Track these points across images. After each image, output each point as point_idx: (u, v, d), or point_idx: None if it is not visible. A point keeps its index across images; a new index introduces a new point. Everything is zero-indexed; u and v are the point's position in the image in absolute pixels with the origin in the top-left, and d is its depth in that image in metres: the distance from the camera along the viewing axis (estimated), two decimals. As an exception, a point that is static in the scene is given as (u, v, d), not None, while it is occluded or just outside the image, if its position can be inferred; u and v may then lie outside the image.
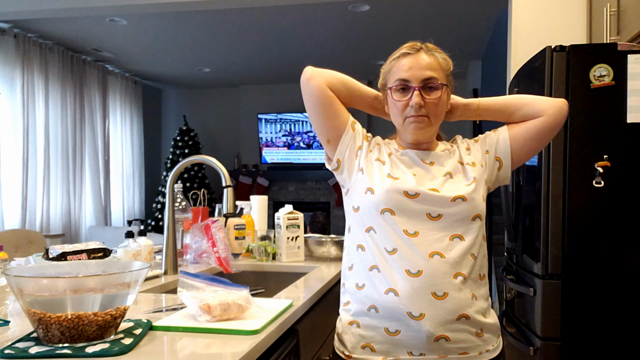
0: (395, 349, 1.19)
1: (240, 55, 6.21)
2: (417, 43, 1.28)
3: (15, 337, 1.02)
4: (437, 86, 1.24)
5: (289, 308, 1.28)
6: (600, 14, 2.60)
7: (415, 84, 1.23)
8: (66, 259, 1.54)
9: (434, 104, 1.24)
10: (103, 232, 5.78)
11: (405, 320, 1.16)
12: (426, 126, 1.25)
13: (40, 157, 5.43)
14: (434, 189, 1.23)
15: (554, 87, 2.09)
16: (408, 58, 1.25)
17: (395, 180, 1.23)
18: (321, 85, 1.29)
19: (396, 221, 1.20)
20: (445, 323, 1.16)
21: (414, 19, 4.86)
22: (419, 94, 1.23)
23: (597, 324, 2.05)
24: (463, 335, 1.19)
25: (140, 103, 7.49)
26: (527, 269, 2.27)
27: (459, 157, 1.31)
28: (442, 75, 1.26)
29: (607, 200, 2.03)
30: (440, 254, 1.18)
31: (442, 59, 1.28)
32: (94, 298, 0.94)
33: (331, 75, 1.32)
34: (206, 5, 4.05)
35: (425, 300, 1.16)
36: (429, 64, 1.24)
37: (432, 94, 1.24)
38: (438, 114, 1.26)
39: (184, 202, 2.12)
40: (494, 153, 1.32)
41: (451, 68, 1.30)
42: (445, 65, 1.27)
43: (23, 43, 5.23)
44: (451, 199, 1.21)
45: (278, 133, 7.65)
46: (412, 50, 1.26)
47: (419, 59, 1.25)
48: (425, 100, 1.23)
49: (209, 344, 1.00)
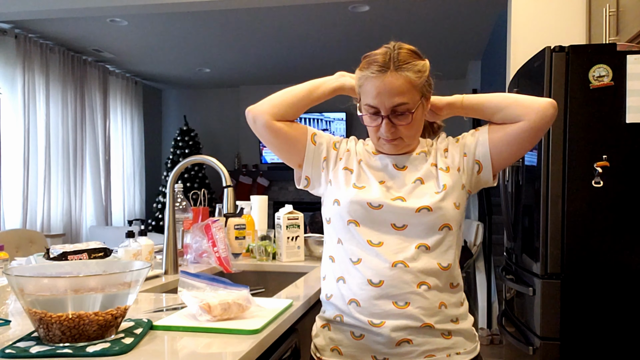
0: (361, 353, 1.20)
1: (240, 55, 6.21)
2: (386, 56, 1.18)
3: (16, 336, 1.02)
4: (407, 111, 1.17)
5: (289, 308, 1.28)
6: (599, 14, 2.60)
7: (384, 113, 1.17)
8: (67, 258, 1.55)
9: (405, 127, 1.19)
10: (104, 232, 5.79)
11: (367, 327, 1.18)
12: (402, 146, 1.23)
13: (41, 157, 5.43)
14: (400, 197, 1.20)
15: (553, 88, 2.09)
16: (376, 81, 1.16)
17: (359, 191, 1.22)
18: (267, 123, 1.26)
19: (360, 232, 1.20)
20: (406, 329, 1.17)
21: (414, 19, 4.86)
22: (389, 122, 1.18)
23: (596, 324, 2.05)
24: (427, 339, 1.18)
25: (140, 103, 7.50)
26: (527, 269, 2.28)
27: (434, 160, 1.26)
28: (414, 94, 1.17)
29: (606, 200, 2.04)
30: (404, 263, 1.17)
31: (413, 74, 1.17)
32: (95, 298, 0.94)
33: (273, 104, 1.28)
34: (206, 5, 4.05)
35: (386, 310, 1.17)
36: (397, 89, 1.15)
37: (403, 119, 1.18)
38: (413, 133, 1.22)
39: (184, 202, 2.12)
40: (473, 156, 1.26)
41: (426, 73, 1.21)
42: (417, 79, 1.17)
43: (24, 43, 5.24)
44: (416, 209, 1.18)
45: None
46: (380, 70, 1.16)
47: (386, 83, 1.15)
48: (396, 126, 1.19)
49: (209, 344, 1.01)
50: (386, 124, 1.18)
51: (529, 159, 2.29)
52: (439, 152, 1.28)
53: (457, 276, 1.23)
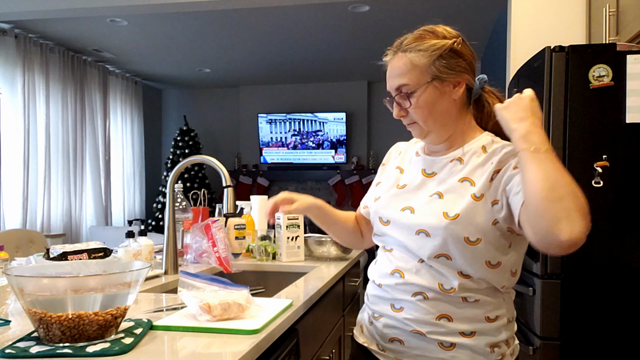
0: (371, 338, 1.29)
1: (240, 55, 6.21)
2: (396, 41, 1.18)
3: (16, 336, 1.02)
4: (410, 92, 1.15)
5: (289, 308, 1.28)
6: (599, 14, 2.60)
7: (393, 95, 1.18)
8: (67, 258, 1.55)
9: (415, 110, 1.16)
10: (104, 232, 5.78)
11: (372, 319, 1.27)
12: (421, 132, 1.20)
13: (41, 157, 5.43)
14: (410, 208, 1.19)
15: (553, 88, 2.09)
16: (387, 66, 1.20)
17: (376, 203, 1.29)
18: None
19: (376, 239, 1.32)
20: (397, 328, 1.20)
21: (414, 19, 4.85)
22: (397, 105, 1.18)
23: (596, 324, 2.05)
24: (419, 344, 1.18)
25: (140, 103, 7.49)
26: (527, 269, 2.28)
27: (470, 174, 1.15)
28: (417, 74, 1.14)
29: (606, 200, 2.04)
30: (401, 273, 1.19)
31: (416, 53, 1.14)
32: (95, 298, 0.94)
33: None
34: (206, 5, 4.05)
35: (383, 309, 1.23)
36: (398, 70, 1.16)
37: (407, 101, 1.16)
38: (427, 117, 1.16)
39: (184, 202, 2.12)
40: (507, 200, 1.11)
41: (437, 52, 1.13)
42: (421, 60, 1.14)
43: (24, 43, 5.24)
44: (415, 230, 1.16)
45: (278, 133, 7.65)
46: (387, 55, 1.20)
47: (391, 66, 1.18)
48: (406, 110, 1.18)
49: (209, 344, 1.01)
50: (395, 107, 1.19)
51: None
52: (487, 168, 1.13)
53: (476, 290, 1.14)
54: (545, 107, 2.11)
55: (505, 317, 1.19)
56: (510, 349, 1.21)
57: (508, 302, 1.22)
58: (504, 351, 1.19)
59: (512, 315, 1.23)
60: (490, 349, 1.17)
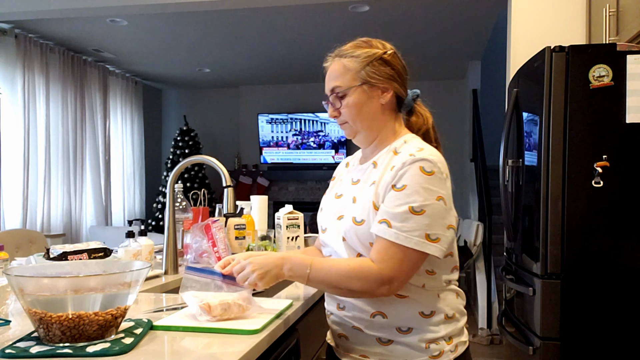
0: (330, 335, 1.36)
1: (240, 55, 6.21)
2: (336, 49, 1.29)
3: (16, 336, 1.02)
4: (342, 93, 1.24)
5: (289, 308, 1.29)
6: (599, 14, 2.60)
7: (328, 97, 1.28)
8: (67, 258, 1.55)
9: (346, 110, 1.25)
10: (104, 232, 5.78)
11: (327, 318, 1.35)
12: (351, 131, 1.29)
13: (41, 157, 5.43)
14: (340, 216, 1.27)
15: (553, 88, 2.09)
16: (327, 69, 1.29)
17: (318, 215, 1.38)
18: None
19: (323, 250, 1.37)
20: (341, 325, 1.27)
21: (414, 19, 4.86)
22: (331, 105, 1.28)
23: (596, 324, 2.05)
24: (361, 339, 1.24)
25: (140, 103, 7.49)
26: (527, 269, 2.28)
27: (376, 178, 1.22)
28: (349, 78, 1.24)
29: (606, 200, 2.04)
30: None
31: (349, 59, 1.24)
32: (95, 298, 0.94)
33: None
34: (206, 5, 4.05)
35: (332, 307, 1.30)
36: (333, 73, 1.26)
37: (340, 101, 1.26)
38: (355, 117, 1.25)
39: (184, 202, 2.12)
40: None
41: (368, 60, 1.23)
42: (353, 65, 1.23)
43: (24, 43, 5.24)
44: (341, 237, 1.24)
45: (278, 133, 7.66)
46: (329, 60, 1.29)
47: (329, 70, 1.28)
48: (338, 110, 1.27)
49: (209, 344, 1.01)
50: (329, 108, 1.29)
51: (529, 159, 2.29)
52: (389, 174, 1.19)
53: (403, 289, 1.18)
54: (545, 107, 2.11)
55: (443, 313, 1.21)
56: (451, 346, 1.21)
57: (446, 299, 1.23)
58: (442, 347, 1.20)
59: (454, 312, 1.24)
60: (426, 345, 1.19)
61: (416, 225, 1.11)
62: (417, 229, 1.11)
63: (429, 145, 1.23)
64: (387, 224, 1.13)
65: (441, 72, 6.89)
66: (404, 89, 1.29)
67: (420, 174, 1.13)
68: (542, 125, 2.12)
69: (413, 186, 1.12)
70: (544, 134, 2.11)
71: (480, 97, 6.16)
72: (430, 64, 6.48)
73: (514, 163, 2.45)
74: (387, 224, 1.13)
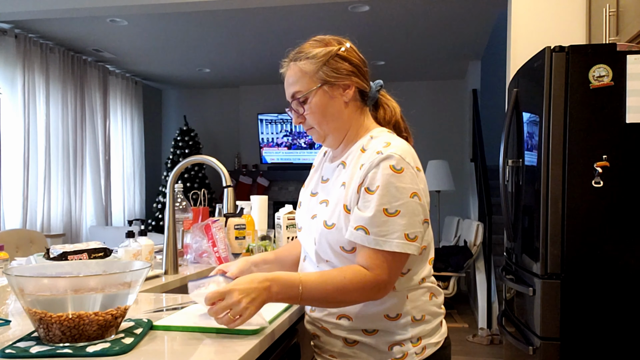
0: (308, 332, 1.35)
1: (240, 55, 6.21)
2: (290, 53, 1.26)
3: (16, 336, 1.02)
4: (303, 98, 1.21)
5: (289, 308, 1.29)
6: (599, 14, 2.60)
7: (290, 103, 1.25)
8: (67, 258, 1.55)
9: (310, 115, 1.22)
10: (104, 232, 5.78)
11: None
12: (319, 136, 1.26)
13: (41, 157, 5.43)
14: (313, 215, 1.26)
15: (553, 88, 2.09)
16: (284, 76, 1.26)
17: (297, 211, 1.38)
18: None
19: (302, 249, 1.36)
20: (314, 325, 1.27)
21: (414, 19, 4.86)
22: (295, 112, 1.24)
23: (596, 324, 2.05)
24: (329, 340, 1.24)
25: (140, 103, 7.49)
26: (527, 269, 2.28)
27: (346, 179, 1.20)
28: (308, 81, 1.20)
29: (606, 200, 2.04)
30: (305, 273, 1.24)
31: (305, 61, 1.21)
32: (95, 298, 0.94)
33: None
34: (206, 5, 4.05)
35: (307, 308, 1.30)
36: (290, 78, 1.23)
37: (303, 107, 1.22)
38: (321, 120, 1.22)
39: (184, 202, 2.12)
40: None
41: (324, 59, 1.20)
42: (309, 67, 1.20)
43: (24, 43, 5.24)
44: (312, 239, 1.23)
45: (278, 133, 7.66)
46: (284, 66, 1.26)
47: (286, 76, 1.25)
48: (303, 115, 1.23)
49: (209, 344, 1.01)
50: (293, 115, 1.25)
51: (529, 159, 2.29)
52: (358, 174, 1.16)
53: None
54: (545, 107, 2.11)
55: (410, 315, 1.19)
56: (417, 348, 1.19)
57: (416, 301, 1.21)
58: (407, 350, 1.18)
59: (423, 314, 1.21)
60: (389, 347, 1.19)
61: (393, 228, 1.10)
62: (395, 231, 1.10)
63: (396, 138, 1.20)
64: (364, 230, 1.11)
65: (441, 72, 6.88)
66: (367, 82, 1.25)
67: (391, 173, 1.11)
68: (542, 125, 2.12)
69: (385, 187, 1.11)
70: (544, 134, 2.11)
71: (480, 97, 6.16)
72: (430, 64, 6.47)
73: (514, 163, 2.45)
74: (365, 231, 1.11)
